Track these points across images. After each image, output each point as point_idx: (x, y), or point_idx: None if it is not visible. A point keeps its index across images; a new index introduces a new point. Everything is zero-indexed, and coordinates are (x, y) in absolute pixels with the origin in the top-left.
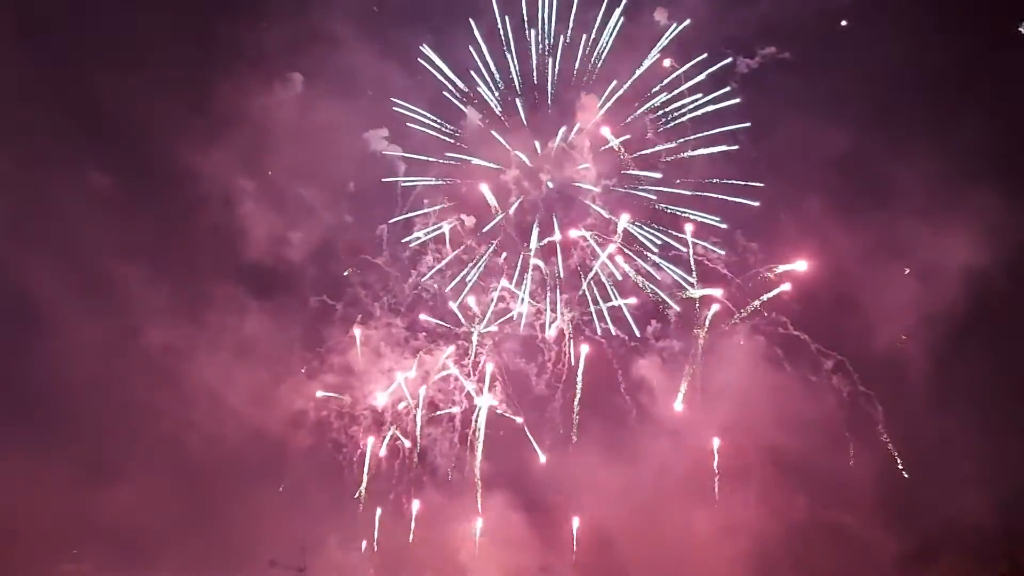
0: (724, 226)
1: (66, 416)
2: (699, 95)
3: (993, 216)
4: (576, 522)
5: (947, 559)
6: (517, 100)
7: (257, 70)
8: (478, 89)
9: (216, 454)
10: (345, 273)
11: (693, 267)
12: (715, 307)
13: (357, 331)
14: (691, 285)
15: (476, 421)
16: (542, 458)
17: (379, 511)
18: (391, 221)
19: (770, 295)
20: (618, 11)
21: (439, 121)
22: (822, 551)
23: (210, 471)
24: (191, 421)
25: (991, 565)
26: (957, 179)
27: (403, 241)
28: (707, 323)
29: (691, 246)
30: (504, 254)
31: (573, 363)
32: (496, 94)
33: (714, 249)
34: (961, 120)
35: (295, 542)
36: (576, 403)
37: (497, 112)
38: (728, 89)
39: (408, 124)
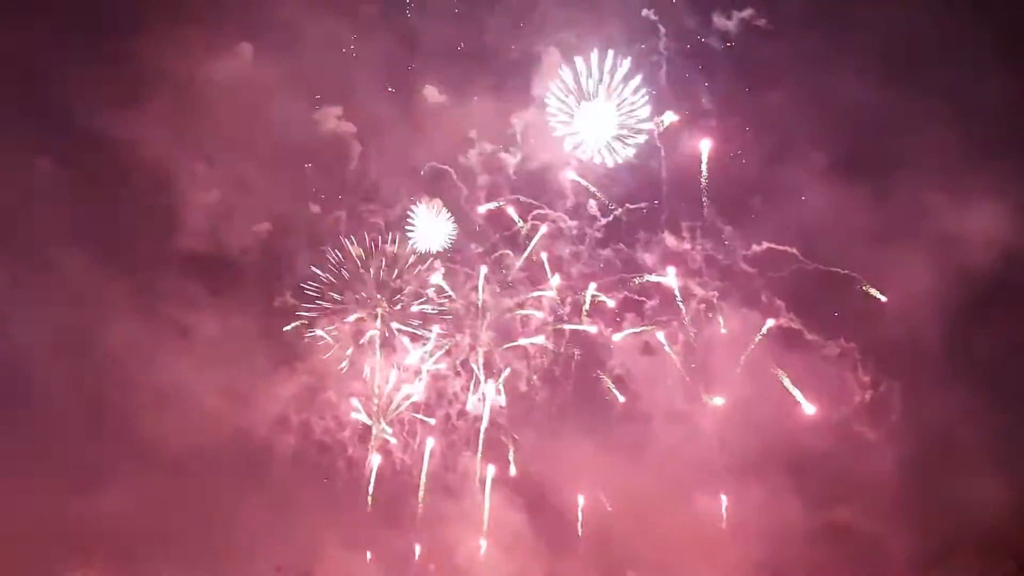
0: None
1: (38, 419)
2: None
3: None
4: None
5: (953, 559)
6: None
7: (204, 40)
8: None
9: (203, 459)
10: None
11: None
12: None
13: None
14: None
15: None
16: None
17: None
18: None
19: None
20: None
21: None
22: (825, 549)
23: (200, 476)
24: (172, 423)
25: (998, 564)
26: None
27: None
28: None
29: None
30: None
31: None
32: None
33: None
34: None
35: (298, 548)
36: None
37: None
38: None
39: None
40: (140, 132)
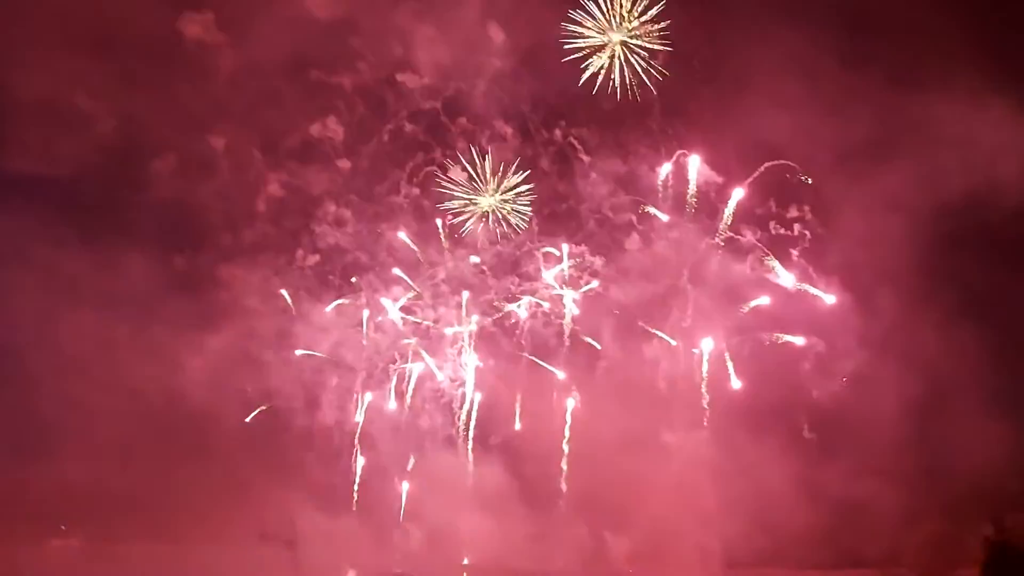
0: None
1: None
2: None
3: None
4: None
5: (931, 521)
6: None
7: None
8: None
9: (168, 425)
10: None
11: None
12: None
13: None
14: None
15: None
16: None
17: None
18: None
19: None
20: None
21: None
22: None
23: (158, 446)
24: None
25: (975, 528)
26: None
27: None
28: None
29: None
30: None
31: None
32: None
33: None
34: None
35: (281, 515)
36: None
37: None
38: None
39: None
40: None
